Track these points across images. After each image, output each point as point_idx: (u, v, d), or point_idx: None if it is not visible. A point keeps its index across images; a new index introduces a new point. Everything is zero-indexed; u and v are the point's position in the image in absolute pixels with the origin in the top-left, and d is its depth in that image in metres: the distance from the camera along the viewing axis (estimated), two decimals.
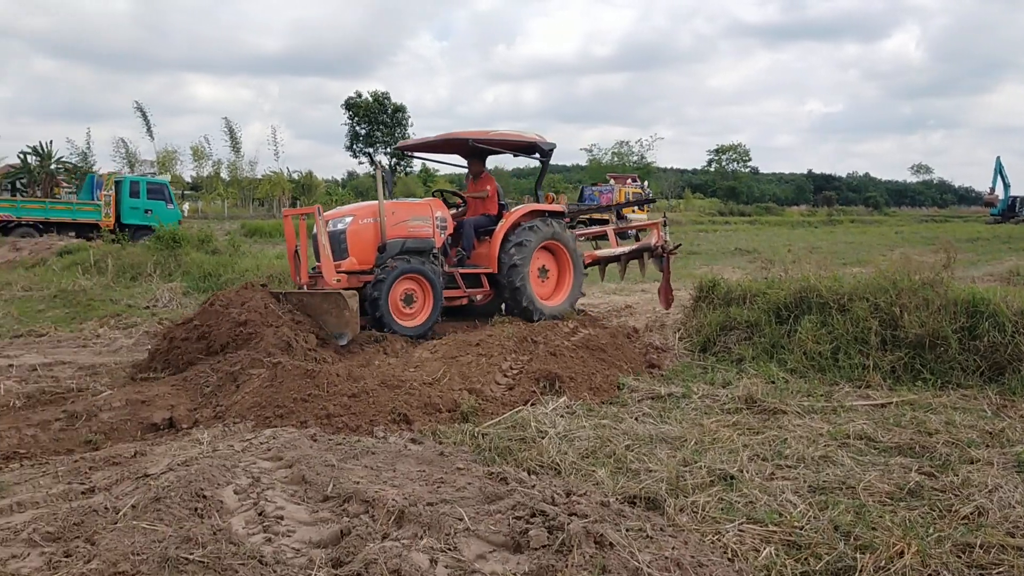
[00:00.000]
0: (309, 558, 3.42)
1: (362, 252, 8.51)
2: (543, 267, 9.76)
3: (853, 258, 19.88)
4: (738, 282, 8.79)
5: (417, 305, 8.48)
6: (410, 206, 9.19)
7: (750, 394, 6.08)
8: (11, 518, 3.85)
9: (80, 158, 53.84)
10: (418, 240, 8.85)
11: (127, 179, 28.21)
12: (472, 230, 9.60)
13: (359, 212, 8.80)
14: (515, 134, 9.79)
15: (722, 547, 3.59)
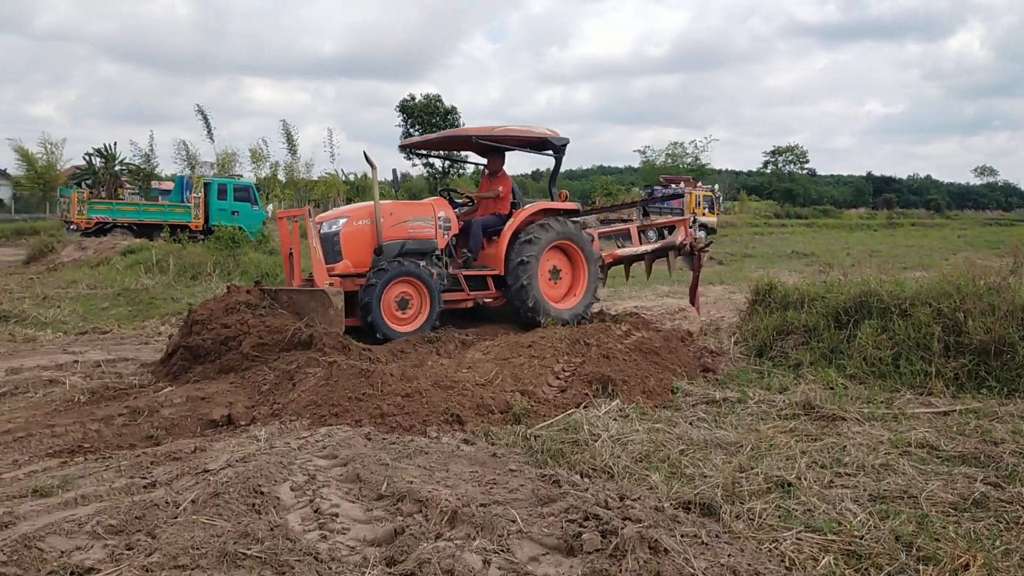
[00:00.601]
0: (363, 556, 3.45)
1: (357, 255, 8.29)
2: (555, 268, 9.40)
3: (914, 262, 19.44)
4: (795, 286, 8.64)
5: (413, 309, 8.20)
6: (411, 206, 8.96)
7: (808, 400, 5.96)
8: (75, 510, 3.95)
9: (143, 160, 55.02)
10: (419, 241, 8.61)
11: (215, 181, 29.10)
12: (480, 230, 9.26)
13: (354, 213, 8.56)
14: (524, 129, 9.47)
15: (779, 555, 3.53)
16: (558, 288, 9.44)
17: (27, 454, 5.03)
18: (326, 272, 7.88)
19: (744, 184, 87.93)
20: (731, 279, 16.51)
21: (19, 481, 4.47)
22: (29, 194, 55.17)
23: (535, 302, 8.86)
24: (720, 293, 14.12)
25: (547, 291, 9.21)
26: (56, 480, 4.39)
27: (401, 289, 8.12)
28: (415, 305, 8.21)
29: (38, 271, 19.26)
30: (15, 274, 18.33)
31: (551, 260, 9.34)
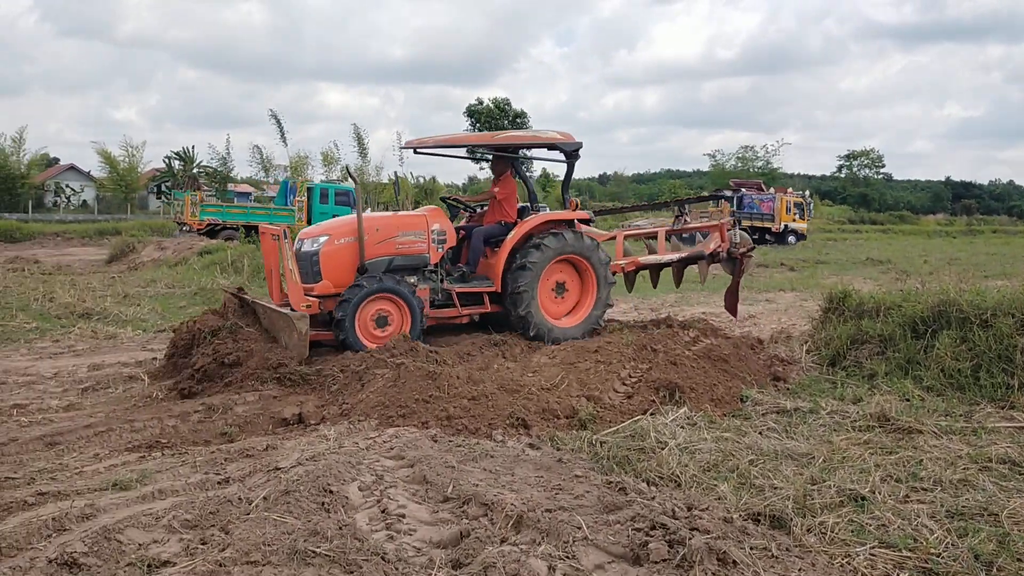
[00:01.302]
0: (429, 557, 3.48)
1: (338, 274, 7.79)
2: (561, 283, 8.85)
3: (996, 270, 18.76)
4: (871, 294, 8.41)
5: (392, 327, 7.71)
6: (399, 220, 8.44)
7: (883, 411, 5.79)
8: (153, 504, 4.07)
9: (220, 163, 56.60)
10: (409, 257, 8.16)
11: (318, 186, 30.21)
12: (481, 240, 8.74)
13: (335, 231, 8.05)
14: (530, 135, 9.02)
15: (852, 571, 3.44)
16: (563, 303, 8.93)
17: (107, 448, 5.22)
18: (302, 293, 7.47)
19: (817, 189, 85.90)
20: (803, 286, 16.17)
21: (100, 474, 4.63)
22: (111, 195, 57.20)
23: (537, 330, 8.44)
24: (791, 300, 13.85)
25: (551, 309, 8.76)
26: (135, 474, 4.54)
27: (380, 306, 7.66)
28: (395, 323, 7.75)
29: (119, 270, 19.96)
30: (98, 273, 19.01)
31: (555, 275, 8.81)
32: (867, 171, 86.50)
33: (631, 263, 9.79)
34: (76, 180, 64.05)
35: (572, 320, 8.85)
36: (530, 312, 8.41)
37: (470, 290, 8.53)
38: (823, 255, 26.23)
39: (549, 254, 8.56)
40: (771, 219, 37.32)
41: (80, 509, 3.89)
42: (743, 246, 9.71)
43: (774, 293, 15.05)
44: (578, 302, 9.01)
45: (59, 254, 25.29)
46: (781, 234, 36.93)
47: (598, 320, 9.00)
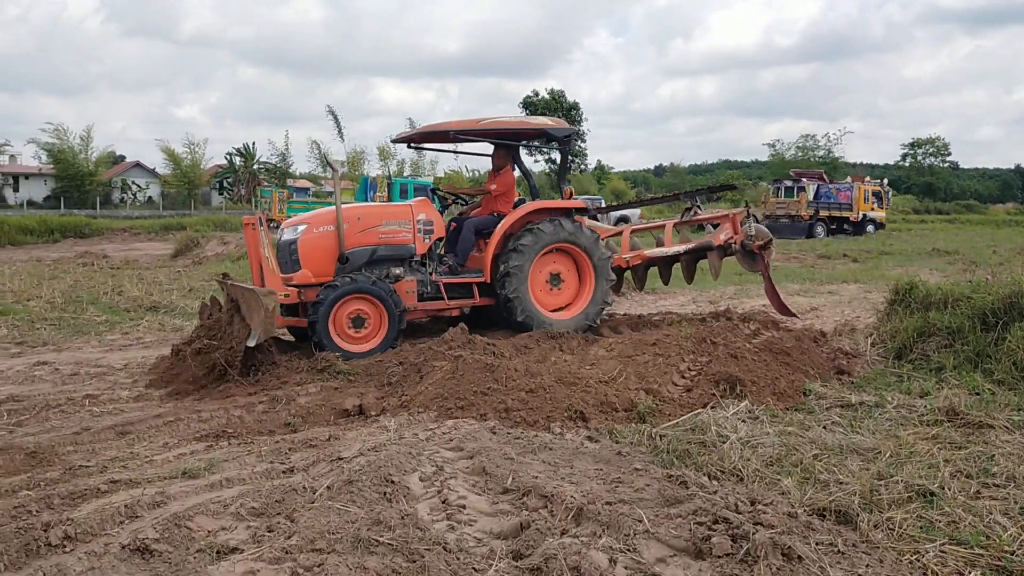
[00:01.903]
0: (490, 548, 3.50)
1: (318, 264, 7.71)
2: (556, 274, 8.61)
3: None
4: (938, 285, 8.18)
5: (370, 328, 7.56)
6: (383, 209, 8.43)
7: (952, 406, 5.63)
8: (221, 493, 4.17)
9: (279, 159, 57.67)
10: (393, 247, 8.04)
11: (397, 181, 30.81)
12: (472, 232, 8.56)
13: (314, 220, 8.03)
14: (517, 121, 8.73)
15: (921, 568, 3.36)
16: (559, 295, 8.69)
17: (176, 437, 5.36)
18: (280, 282, 7.40)
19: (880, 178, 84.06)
20: (867, 277, 15.82)
21: (169, 463, 4.76)
22: (175, 191, 58.66)
23: (525, 316, 8.23)
24: (855, 292, 13.55)
25: (544, 300, 8.54)
26: (203, 463, 4.65)
27: (355, 307, 7.51)
28: (372, 323, 7.57)
29: (184, 264, 20.45)
30: (164, 267, 19.52)
31: (549, 265, 8.59)
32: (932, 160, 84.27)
33: (637, 256, 9.50)
34: (141, 177, 65.90)
35: (566, 314, 8.60)
36: (518, 296, 8.19)
37: (459, 281, 8.37)
38: (887, 246, 25.62)
39: (544, 239, 8.35)
40: (849, 208, 36.97)
41: (151, 496, 4.00)
42: (759, 238, 9.30)
43: (837, 285, 14.75)
44: (575, 296, 8.76)
45: (126, 249, 26.04)
46: (859, 223, 36.53)
47: (594, 317, 8.69)
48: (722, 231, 9.41)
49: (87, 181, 53.65)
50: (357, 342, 7.47)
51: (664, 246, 9.71)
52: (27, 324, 10.13)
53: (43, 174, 59.04)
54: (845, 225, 36.55)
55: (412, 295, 7.98)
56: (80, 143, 53.94)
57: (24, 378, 7.29)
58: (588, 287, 8.72)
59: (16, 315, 10.71)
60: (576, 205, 8.85)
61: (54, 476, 4.45)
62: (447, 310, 8.46)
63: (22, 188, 61.10)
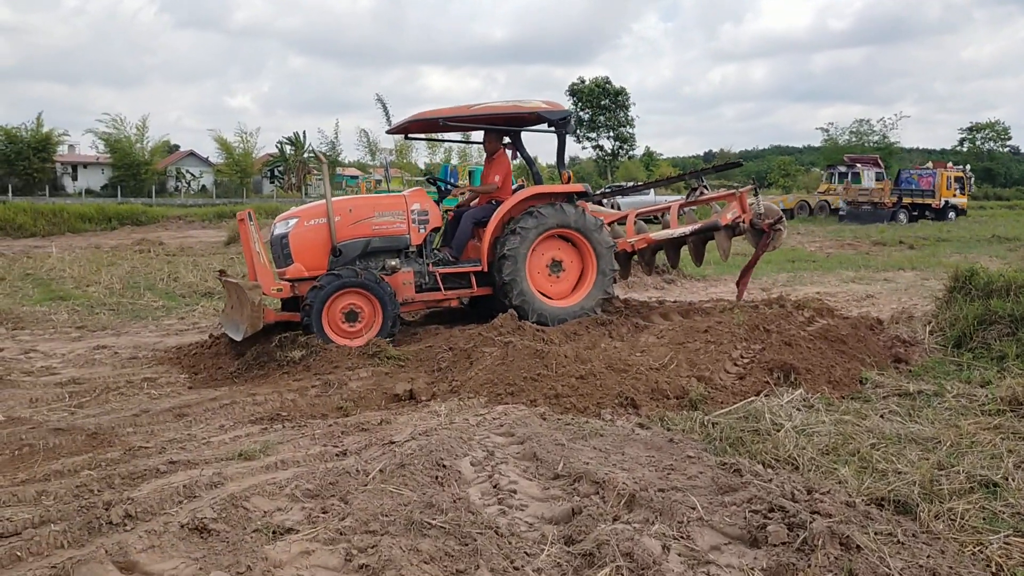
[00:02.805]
0: (542, 533, 3.50)
1: (310, 257, 7.61)
2: (557, 261, 8.39)
3: None
4: (1000, 272, 7.95)
5: (364, 321, 7.46)
6: (376, 201, 8.26)
7: (1015, 395, 5.47)
8: (276, 474, 4.23)
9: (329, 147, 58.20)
10: (387, 238, 7.92)
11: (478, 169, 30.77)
12: (470, 223, 8.41)
13: (305, 213, 7.90)
14: (509, 105, 8.38)
15: (984, 560, 3.27)
16: (561, 282, 8.46)
17: (232, 420, 5.45)
18: (272, 277, 7.41)
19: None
20: (923, 264, 15.46)
21: (226, 445, 4.84)
22: (228, 180, 59.61)
23: (522, 300, 7.99)
24: (912, 279, 13.25)
25: (544, 286, 8.34)
26: (258, 445, 4.72)
27: (348, 301, 7.40)
28: (366, 316, 7.48)
29: (237, 251, 20.73)
30: (217, 254, 19.84)
31: (550, 251, 8.38)
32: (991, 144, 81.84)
33: (642, 240, 9.21)
34: (195, 166, 67.06)
35: (564, 302, 8.38)
36: (515, 280, 7.99)
37: (455, 271, 8.24)
38: (945, 233, 25.00)
39: (545, 223, 8.17)
40: (931, 195, 36.51)
41: (208, 477, 4.07)
42: (769, 216, 8.90)
43: (893, 272, 14.44)
44: (575, 285, 8.55)
45: (181, 236, 26.51)
46: (942, 210, 36.09)
47: (592, 308, 8.39)
48: (729, 210, 9.02)
49: (143, 170, 54.76)
50: (352, 336, 7.37)
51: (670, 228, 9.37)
52: (87, 309, 10.39)
53: (100, 163, 60.46)
54: (927, 212, 36.17)
55: (409, 286, 7.91)
56: (136, 133, 55.07)
57: (85, 361, 7.48)
58: (589, 276, 8.50)
59: (76, 300, 10.99)
60: (576, 189, 8.61)
61: (114, 457, 4.55)
62: (445, 301, 8.37)
63: (80, 177, 62.64)
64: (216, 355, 7.24)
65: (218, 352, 7.31)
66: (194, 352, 7.52)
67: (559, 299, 8.38)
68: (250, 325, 6.83)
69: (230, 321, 7.50)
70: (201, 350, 7.53)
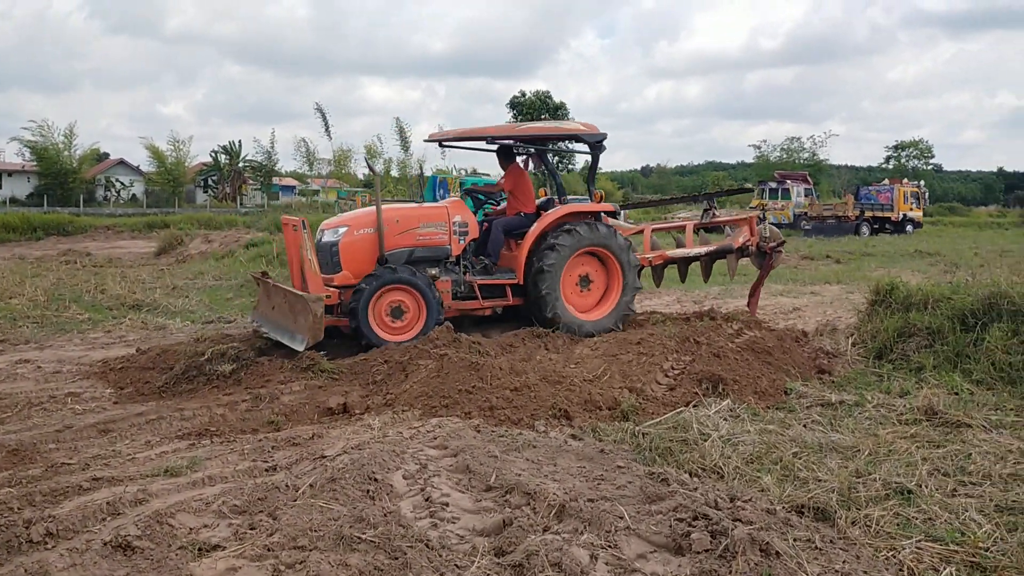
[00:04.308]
0: (473, 545, 3.52)
1: (358, 265, 7.81)
2: (585, 276, 8.72)
3: None
4: (919, 286, 8.26)
5: (408, 318, 7.69)
6: (420, 211, 8.49)
7: (931, 405, 5.70)
8: (203, 490, 4.17)
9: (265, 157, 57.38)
10: (430, 248, 8.15)
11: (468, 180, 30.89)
12: (500, 233, 8.67)
13: (355, 222, 8.11)
14: (552, 127, 8.84)
15: (897, 564, 3.41)
16: (588, 297, 8.80)
17: (158, 435, 5.35)
18: (322, 283, 7.53)
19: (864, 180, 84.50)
20: (849, 278, 15.93)
21: (151, 461, 4.75)
22: (160, 189, 58.29)
23: (555, 313, 8.30)
24: (837, 292, 13.64)
25: (573, 300, 8.63)
26: (185, 461, 4.65)
27: (395, 297, 7.65)
28: (411, 314, 7.71)
29: (168, 263, 20.33)
30: (147, 265, 19.40)
31: (580, 267, 8.70)
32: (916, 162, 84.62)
33: (659, 256, 9.66)
34: (126, 174, 65.43)
35: (591, 316, 8.67)
36: (550, 293, 8.28)
37: (493, 282, 8.49)
38: (870, 247, 25.78)
39: (582, 241, 8.48)
40: (890, 209, 38.42)
41: (133, 494, 4.00)
42: (773, 240, 9.55)
43: (819, 286, 14.83)
44: (600, 300, 8.86)
45: (110, 247, 25.84)
46: (900, 223, 38.07)
47: (617, 322, 8.72)
48: (740, 234, 9.65)
49: (71, 179, 53.20)
50: (395, 332, 7.61)
51: (684, 247, 9.91)
52: (9, 322, 10.06)
53: (26, 171, 58.48)
54: (887, 225, 38.04)
55: (447, 295, 8.17)
56: (64, 140, 53.50)
57: (6, 376, 7.24)
58: (615, 292, 8.83)
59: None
60: (607, 208, 9.05)
61: (36, 474, 4.43)
62: (480, 309, 8.62)
63: (5, 185, 60.50)
64: (143, 369, 7.08)
65: (145, 366, 7.15)
66: (121, 366, 7.32)
67: (584, 312, 8.68)
68: (312, 336, 6.95)
69: (278, 327, 7.55)
70: (128, 364, 7.34)
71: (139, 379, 6.90)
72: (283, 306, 7.63)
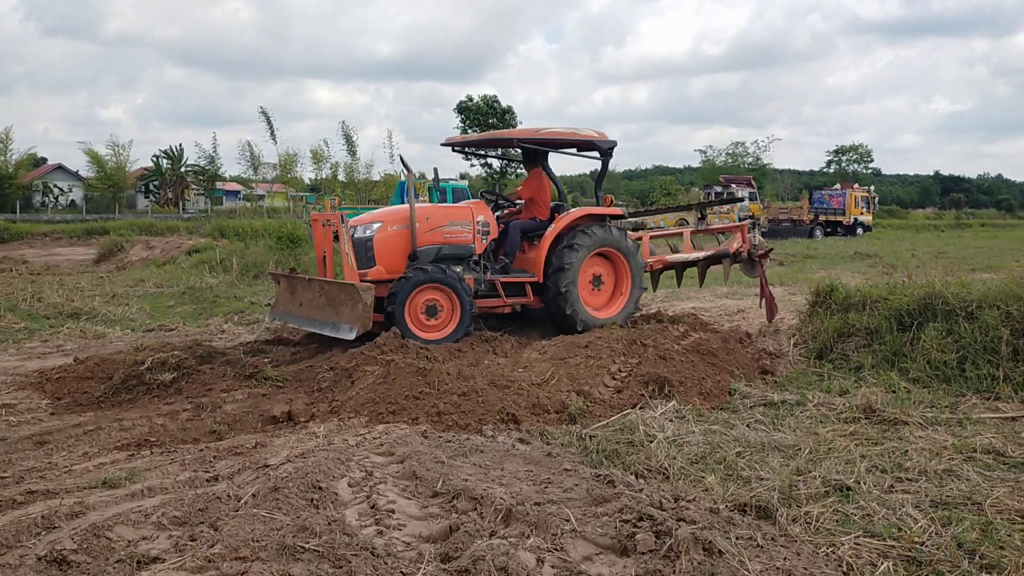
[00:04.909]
0: (419, 552, 3.50)
1: (391, 260, 8.10)
2: (597, 276, 9.11)
3: (983, 264, 18.87)
4: (858, 287, 8.46)
5: (442, 316, 7.92)
6: (447, 210, 8.75)
7: (869, 403, 5.84)
8: (142, 502, 4.08)
9: (208, 161, 56.44)
10: (456, 246, 8.43)
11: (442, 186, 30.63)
12: (518, 234, 8.99)
13: (388, 218, 8.39)
14: (569, 131, 9.19)
15: (836, 560, 3.47)
16: (599, 296, 9.17)
17: (96, 447, 5.21)
18: (358, 278, 7.70)
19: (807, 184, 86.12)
20: (791, 280, 16.22)
21: (89, 473, 4.63)
22: (99, 195, 56.91)
23: (573, 310, 8.60)
24: (780, 294, 13.86)
25: (587, 299, 8.92)
26: (124, 472, 4.54)
27: (429, 296, 7.84)
28: (445, 312, 7.94)
29: (108, 270, 19.87)
30: (86, 272, 18.94)
31: (593, 267, 9.06)
32: (856, 166, 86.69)
33: (658, 261, 10.11)
34: (64, 180, 63.70)
35: (606, 312, 9.05)
36: (569, 291, 8.60)
37: (514, 280, 8.79)
38: (812, 250, 26.31)
39: (597, 240, 8.87)
40: (842, 213, 40.04)
41: (69, 507, 3.89)
42: (761, 248, 9.99)
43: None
44: (610, 299, 9.26)
45: (47, 254, 25.15)
46: (851, 226, 39.68)
47: (626, 320, 9.08)
48: (734, 240, 10.15)
49: (6, 184, 51.62)
50: (430, 330, 7.80)
51: (682, 252, 10.46)
52: None
53: None
54: (839, 228, 39.65)
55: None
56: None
57: None
58: (624, 291, 9.25)
59: None
60: (616, 212, 9.49)
61: None
62: (502, 307, 8.86)
63: None
64: (81, 379, 6.89)
65: (83, 376, 6.96)
66: (57, 376, 7.12)
67: (597, 310, 9.03)
68: (361, 325, 7.13)
69: (315, 321, 7.71)
70: (65, 374, 7.14)
71: (77, 389, 6.71)
72: (317, 299, 7.83)
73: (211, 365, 6.94)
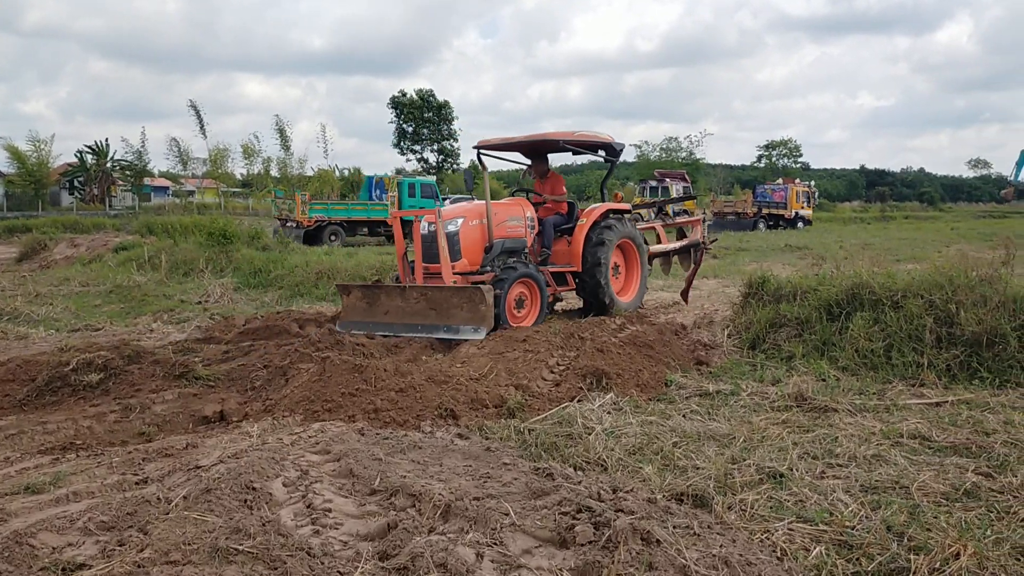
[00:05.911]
0: (356, 551, 3.45)
1: (472, 253, 8.75)
2: (616, 265, 10.03)
3: (907, 255, 19.47)
4: (788, 278, 8.65)
5: (526, 308, 8.65)
6: (507, 206, 9.43)
7: (800, 392, 5.97)
8: (68, 507, 3.94)
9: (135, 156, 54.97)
10: (514, 240, 9.12)
11: (406, 181, 32.02)
12: (551, 228, 9.74)
13: (468, 213, 8.95)
14: (591, 135, 9.96)
15: (771, 546, 3.53)
16: (617, 283, 10.10)
17: (19, 451, 5.02)
18: (451, 271, 8.36)
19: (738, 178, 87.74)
20: (725, 272, 16.51)
21: (11, 478, 4.46)
22: (21, 192, 54.96)
23: (610, 299, 9.50)
24: (714, 286, 14.12)
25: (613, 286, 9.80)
26: (48, 477, 4.38)
27: (519, 290, 8.51)
28: (528, 304, 8.66)
29: (30, 269, 19.22)
30: (8, 272, 18.28)
31: (615, 257, 9.95)
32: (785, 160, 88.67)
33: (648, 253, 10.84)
34: None
35: (626, 297, 10.10)
36: (607, 282, 9.50)
37: (560, 270, 9.54)
38: (744, 243, 26.82)
39: (621, 233, 9.83)
40: (784, 207, 41.53)
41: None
42: (709, 240, 11.31)
43: (697, 280, 15.31)
44: (624, 284, 10.32)
45: None
46: (792, 220, 41.20)
47: (640, 302, 10.35)
48: (697, 232, 11.43)
49: None
50: (519, 320, 8.47)
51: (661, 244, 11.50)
52: None
53: None
54: (781, 222, 40.99)
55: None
56: None
57: None
58: (635, 277, 10.42)
59: None
60: (625, 207, 10.60)
61: None
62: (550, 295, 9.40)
63: None
64: (2, 381, 6.61)
65: (4, 378, 6.69)
66: None
67: (620, 296, 10.00)
68: (487, 324, 7.69)
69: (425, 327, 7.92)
70: None
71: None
72: (413, 305, 8.06)
73: (139, 365, 6.75)
